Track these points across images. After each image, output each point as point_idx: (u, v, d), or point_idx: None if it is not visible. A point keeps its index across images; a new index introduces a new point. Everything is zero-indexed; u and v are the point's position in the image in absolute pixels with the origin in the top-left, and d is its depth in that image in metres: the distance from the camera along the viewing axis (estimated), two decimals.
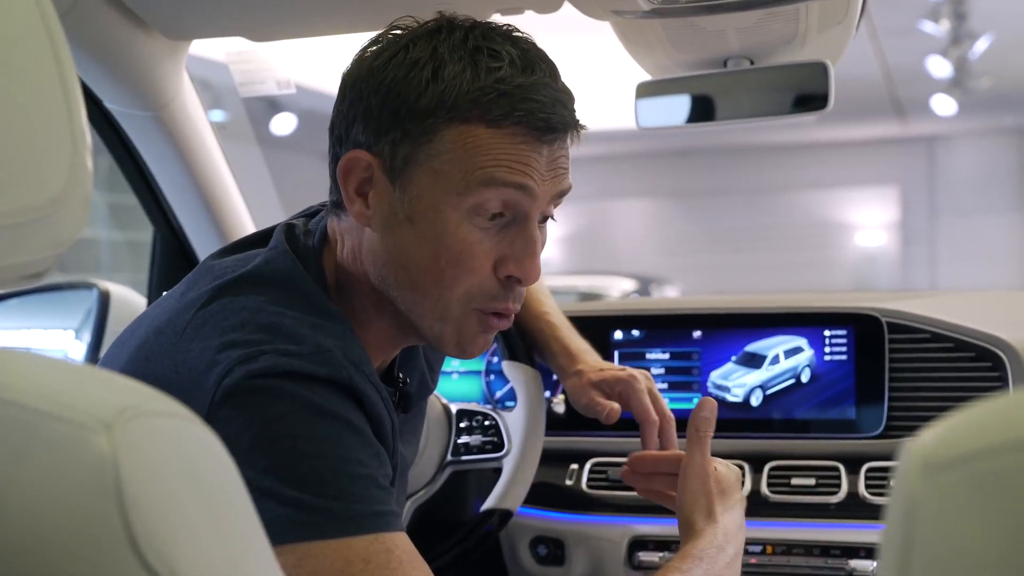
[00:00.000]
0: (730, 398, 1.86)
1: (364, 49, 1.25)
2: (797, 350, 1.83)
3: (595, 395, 1.61)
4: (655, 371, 1.92)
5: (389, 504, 1.12)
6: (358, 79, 1.23)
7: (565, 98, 1.22)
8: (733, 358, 1.86)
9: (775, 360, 1.83)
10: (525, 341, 1.71)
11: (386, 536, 1.09)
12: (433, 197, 1.19)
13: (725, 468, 1.43)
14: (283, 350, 1.10)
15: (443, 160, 1.18)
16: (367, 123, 1.22)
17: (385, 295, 1.26)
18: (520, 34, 1.24)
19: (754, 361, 1.85)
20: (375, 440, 1.15)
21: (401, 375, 1.40)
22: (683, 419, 1.88)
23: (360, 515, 1.08)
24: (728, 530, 1.36)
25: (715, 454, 1.45)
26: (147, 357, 1.17)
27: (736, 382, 1.85)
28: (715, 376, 1.86)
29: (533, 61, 1.20)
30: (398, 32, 1.24)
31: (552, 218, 1.29)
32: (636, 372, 1.60)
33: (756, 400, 1.84)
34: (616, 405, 1.58)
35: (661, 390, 1.89)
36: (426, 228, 1.20)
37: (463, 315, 1.24)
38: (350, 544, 1.06)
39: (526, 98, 1.17)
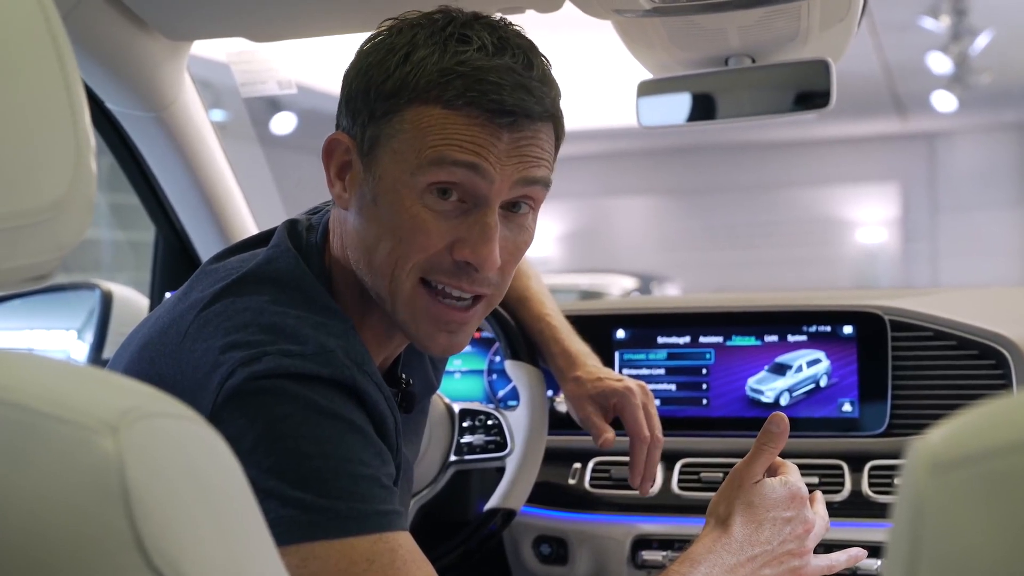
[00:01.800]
0: (764, 399, 1.87)
1: (363, 44, 1.26)
2: (816, 360, 1.86)
3: (591, 411, 1.61)
4: (657, 371, 1.92)
5: (392, 504, 1.12)
6: (350, 67, 1.24)
7: (533, 85, 1.19)
8: (766, 367, 1.88)
9: (799, 369, 1.87)
10: (528, 340, 1.71)
11: (390, 536, 1.09)
12: (392, 177, 1.19)
13: (780, 484, 1.38)
14: (286, 351, 1.10)
15: (400, 140, 1.18)
16: (347, 107, 1.23)
17: (363, 283, 1.26)
18: (509, 26, 1.23)
19: (782, 370, 1.88)
20: (378, 440, 1.15)
21: (404, 375, 1.40)
22: (687, 419, 1.89)
23: (363, 515, 1.08)
24: (739, 540, 1.33)
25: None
26: (151, 358, 1.17)
27: (768, 387, 1.87)
28: (752, 381, 1.88)
29: (507, 47, 1.19)
30: (393, 22, 1.25)
31: (531, 207, 1.25)
32: (633, 385, 1.60)
33: (785, 400, 1.85)
34: (610, 434, 1.59)
35: (665, 390, 1.90)
36: (385, 208, 1.20)
37: (412, 290, 1.21)
38: (353, 544, 1.06)
39: (482, 79, 1.16)
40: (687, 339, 1.93)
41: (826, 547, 1.73)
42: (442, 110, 1.16)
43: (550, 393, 1.79)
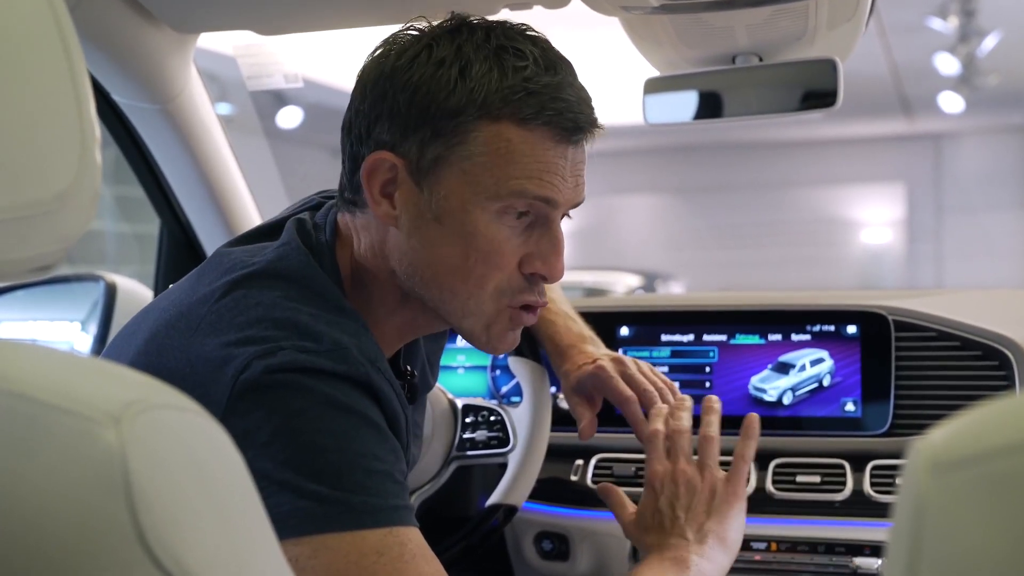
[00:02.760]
0: (767, 398, 1.87)
1: (383, 49, 1.25)
2: (820, 360, 1.86)
3: (576, 401, 1.62)
4: (660, 369, 1.91)
5: (404, 499, 1.13)
6: (380, 78, 1.23)
7: (587, 97, 1.25)
8: (769, 366, 1.88)
9: (802, 368, 1.86)
10: (531, 336, 1.71)
11: (400, 530, 1.10)
12: (462, 198, 1.21)
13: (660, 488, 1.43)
14: (301, 346, 1.11)
15: (475, 163, 1.20)
16: (392, 122, 1.22)
17: (412, 291, 1.28)
18: (536, 33, 1.26)
19: (785, 369, 1.87)
20: (392, 436, 1.16)
21: (408, 367, 1.41)
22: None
23: (375, 509, 1.09)
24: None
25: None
26: (158, 351, 1.17)
27: (772, 385, 1.87)
28: (755, 380, 1.88)
29: (555, 61, 1.23)
30: (415, 32, 1.24)
31: (568, 216, 1.31)
32: (605, 361, 1.60)
33: (788, 399, 1.85)
34: (585, 423, 1.60)
35: None
36: (455, 227, 1.22)
37: (496, 311, 1.27)
38: (365, 537, 1.07)
39: (555, 97, 1.20)
40: (691, 337, 1.93)
41: (829, 545, 1.74)
42: (517, 129, 1.19)
43: (553, 389, 1.79)
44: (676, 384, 1.62)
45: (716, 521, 1.39)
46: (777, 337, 1.88)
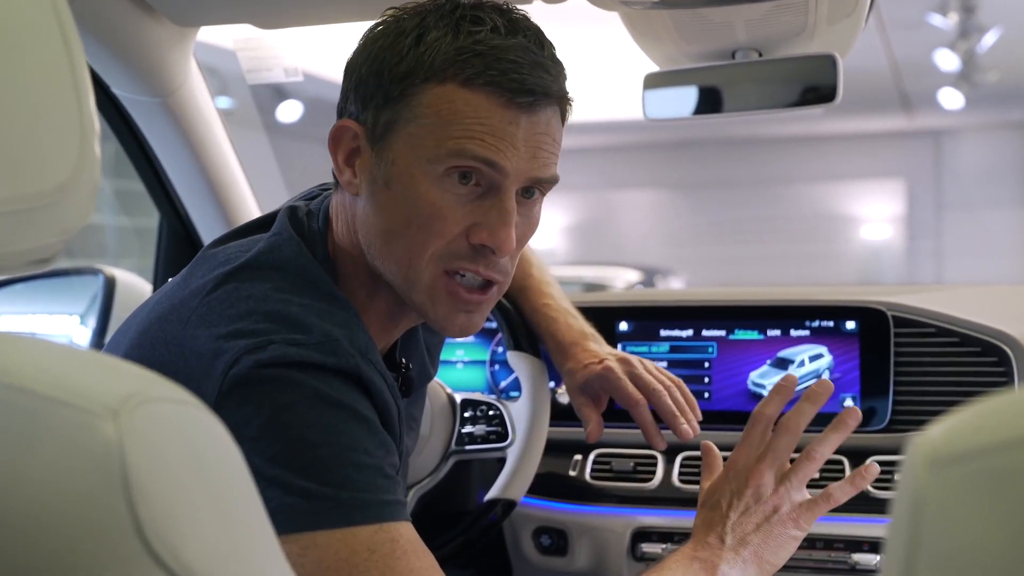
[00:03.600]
0: (765, 394, 1.87)
1: (367, 32, 1.27)
2: (819, 355, 1.86)
3: (582, 402, 1.61)
4: (659, 364, 1.91)
5: (395, 494, 1.12)
6: (353, 55, 1.25)
7: (549, 65, 1.21)
8: (768, 361, 1.88)
9: (801, 363, 1.86)
10: (529, 331, 1.71)
11: (391, 525, 1.09)
12: (407, 162, 1.20)
13: (733, 477, 1.40)
14: (291, 339, 1.11)
15: (419, 124, 1.19)
16: (356, 93, 1.24)
17: (375, 268, 1.26)
18: (516, 10, 1.24)
19: (784, 364, 1.87)
20: (382, 429, 1.16)
21: (403, 360, 1.41)
22: None
23: (365, 504, 1.08)
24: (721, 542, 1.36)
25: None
26: (151, 344, 1.17)
27: (770, 381, 1.87)
28: (754, 375, 1.88)
29: (518, 28, 1.21)
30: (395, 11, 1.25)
31: (541, 192, 1.27)
32: (612, 362, 1.59)
33: None
34: (593, 426, 1.59)
35: None
36: (400, 192, 1.20)
37: (432, 279, 1.22)
38: (355, 533, 1.07)
39: (500, 58, 1.17)
40: (690, 332, 1.93)
41: (826, 542, 1.74)
42: (461, 89, 1.17)
43: (552, 384, 1.79)
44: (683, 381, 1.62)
45: (761, 538, 1.36)
46: (776, 333, 1.88)
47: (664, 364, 1.91)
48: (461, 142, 1.17)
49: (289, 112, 7.40)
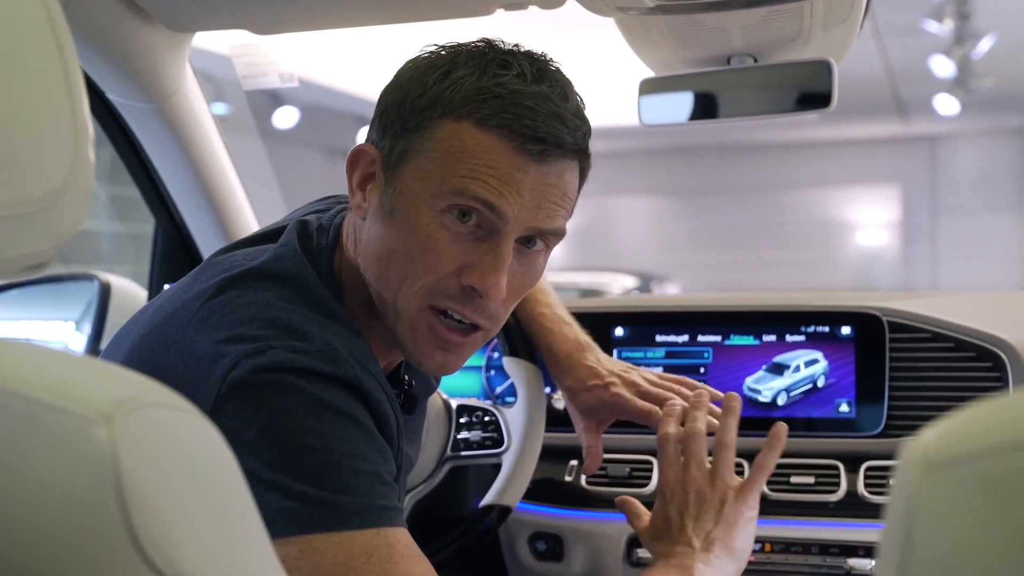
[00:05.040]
0: (761, 399, 1.87)
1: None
2: (814, 361, 1.86)
3: (584, 426, 1.62)
4: (655, 369, 1.91)
5: (392, 500, 1.13)
6: (386, 85, 1.25)
7: (567, 116, 1.20)
8: (764, 367, 1.88)
9: (796, 369, 1.86)
10: (526, 337, 1.71)
11: (388, 531, 1.10)
12: (412, 193, 1.19)
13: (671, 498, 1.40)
14: (290, 346, 1.11)
15: (428, 158, 1.19)
16: (380, 119, 1.24)
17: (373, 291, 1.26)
18: (551, 61, 1.24)
19: (779, 370, 1.87)
20: (380, 437, 1.16)
21: (407, 377, 1.41)
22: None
23: (363, 509, 1.08)
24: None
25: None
26: (151, 347, 1.17)
27: (766, 386, 1.86)
28: (749, 381, 1.88)
29: (544, 76, 1.20)
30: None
31: (546, 245, 1.26)
32: (619, 387, 1.58)
33: (782, 400, 1.85)
34: (595, 455, 1.61)
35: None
36: (401, 222, 1.20)
37: (417, 312, 1.22)
38: (352, 538, 1.07)
39: (518, 103, 1.17)
40: (685, 338, 1.93)
41: (823, 546, 1.74)
42: (473, 129, 1.17)
43: (548, 390, 1.79)
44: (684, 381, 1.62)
45: (723, 530, 1.36)
46: (772, 338, 1.88)
47: (660, 369, 1.91)
48: (465, 181, 1.17)
49: (285, 118, 7.41)
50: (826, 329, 1.85)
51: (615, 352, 1.95)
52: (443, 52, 1.23)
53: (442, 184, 1.17)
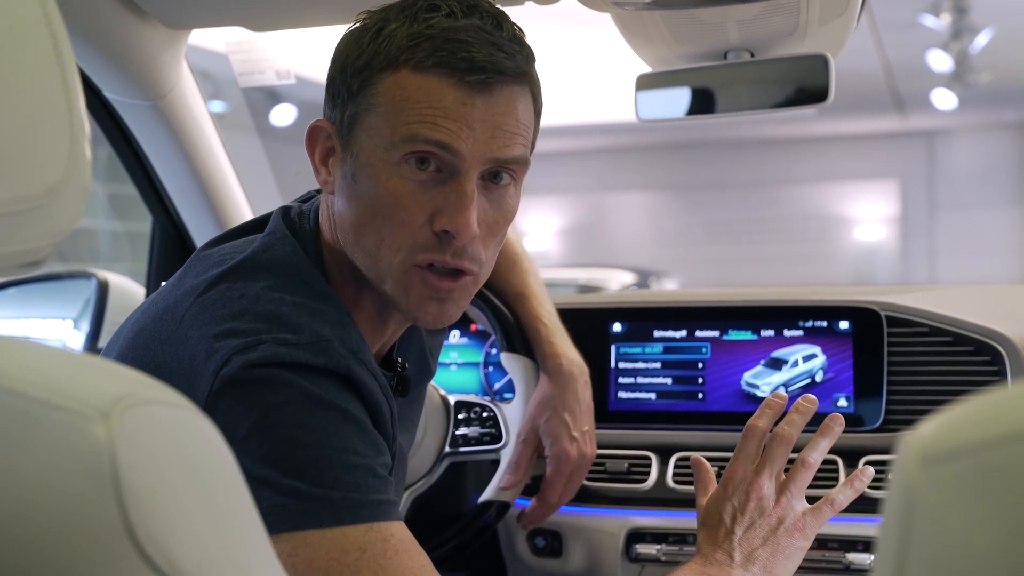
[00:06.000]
0: (759, 394, 1.87)
1: None
2: (812, 356, 1.86)
3: (524, 442, 1.69)
4: (653, 365, 1.92)
5: (386, 493, 1.12)
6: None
7: (503, 42, 1.19)
8: (762, 362, 1.87)
9: (795, 364, 1.86)
10: (523, 333, 1.71)
11: (382, 525, 1.09)
12: (368, 154, 1.19)
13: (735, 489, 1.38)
14: (281, 339, 1.11)
15: (376, 114, 1.19)
16: (327, 92, 1.25)
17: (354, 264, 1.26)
18: (483, 1, 1.22)
19: (778, 364, 1.87)
20: (373, 430, 1.16)
21: (400, 359, 1.40)
22: (682, 413, 1.88)
23: (356, 504, 1.08)
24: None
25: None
26: (145, 344, 1.17)
27: (764, 381, 1.86)
28: (748, 376, 1.88)
29: (475, 11, 1.19)
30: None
31: (513, 177, 1.24)
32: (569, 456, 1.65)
33: None
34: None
35: (660, 384, 1.89)
36: (364, 184, 1.20)
37: (404, 273, 1.21)
38: (346, 533, 1.07)
39: (450, 39, 1.16)
40: (683, 333, 1.93)
41: (819, 542, 1.73)
42: (413, 75, 1.16)
43: None
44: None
45: (770, 551, 1.33)
46: (770, 333, 1.88)
47: (658, 365, 1.91)
48: (413, 127, 1.16)
49: (282, 115, 7.41)
50: (824, 324, 1.85)
51: (612, 348, 1.94)
52: (374, 14, 1.23)
53: (392, 135, 1.17)
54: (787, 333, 1.87)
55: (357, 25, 1.23)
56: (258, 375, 1.09)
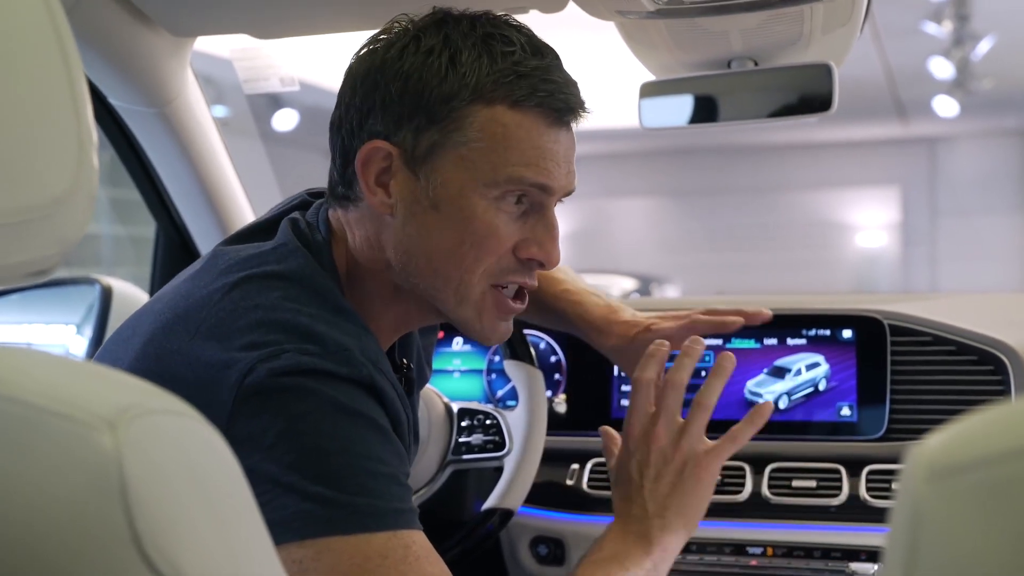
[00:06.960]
0: (761, 403, 1.87)
1: (370, 44, 1.27)
2: (815, 364, 1.86)
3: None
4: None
5: (408, 502, 1.14)
6: (370, 71, 1.24)
7: (574, 80, 1.27)
8: (765, 370, 1.88)
9: (798, 372, 1.87)
10: (525, 340, 1.71)
11: (404, 533, 1.10)
12: (460, 184, 1.22)
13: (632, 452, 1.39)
14: (304, 348, 1.11)
15: (471, 148, 1.21)
16: (385, 112, 1.23)
17: (406, 283, 1.28)
18: (518, 23, 1.28)
19: (781, 373, 1.87)
20: (396, 438, 1.17)
21: (404, 360, 1.42)
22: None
23: (380, 512, 1.09)
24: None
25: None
26: (157, 355, 1.16)
27: (767, 389, 1.86)
28: (751, 384, 1.88)
29: (540, 46, 1.25)
30: (400, 27, 1.26)
31: (560, 201, 1.32)
32: (656, 321, 1.61)
33: (784, 404, 1.85)
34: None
35: None
36: (452, 214, 1.23)
37: (482, 294, 1.27)
38: (369, 540, 1.08)
39: (545, 79, 1.22)
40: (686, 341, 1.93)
41: (825, 550, 1.73)
42: (510, 111, 1.21)
43: (549, 394, 1.79)
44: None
45: (680, 496, 1.34)
46: (773, 341, 1.88)
47: None
48: (519, 170, 1.22)
49: (285, 121, 7.41)
50: (827, 332, 1.85)
51: None
52: (424, 33, 1.23)
53: (495, 174, 1.22)
54: (790, 342, 1.87)
55: (408, 42, 1.23)
56: (284, 383, 1.09)
